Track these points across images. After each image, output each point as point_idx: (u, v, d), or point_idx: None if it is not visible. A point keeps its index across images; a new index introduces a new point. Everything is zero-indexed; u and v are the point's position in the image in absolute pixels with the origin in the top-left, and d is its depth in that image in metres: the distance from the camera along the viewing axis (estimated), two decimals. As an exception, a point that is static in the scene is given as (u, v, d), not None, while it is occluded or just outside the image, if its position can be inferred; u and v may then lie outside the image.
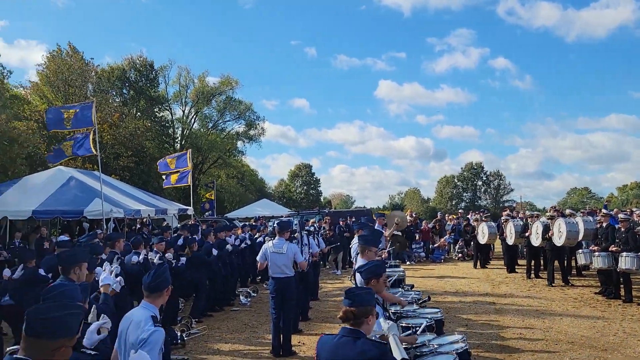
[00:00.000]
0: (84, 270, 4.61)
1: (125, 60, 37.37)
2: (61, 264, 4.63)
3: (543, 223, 13.12)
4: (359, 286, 3.41)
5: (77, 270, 4.56)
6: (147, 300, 3.71)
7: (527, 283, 13.34)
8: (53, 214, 14.25)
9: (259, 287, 13.42)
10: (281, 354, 7.68)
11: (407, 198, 74.94)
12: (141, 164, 29.28)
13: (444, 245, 19.23)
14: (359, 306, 3.29)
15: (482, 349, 7.64)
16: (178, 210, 19.67)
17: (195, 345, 8.37)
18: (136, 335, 3.46)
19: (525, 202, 62.52)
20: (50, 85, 28.41)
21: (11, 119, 18.87)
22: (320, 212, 22.76)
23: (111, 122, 27.25)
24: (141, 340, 3.41)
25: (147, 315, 3.58)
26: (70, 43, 29.63)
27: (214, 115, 41.61)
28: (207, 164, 40.29)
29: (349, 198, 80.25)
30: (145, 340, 3.40)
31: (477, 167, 68.69)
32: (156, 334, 3.44)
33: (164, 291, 3.76)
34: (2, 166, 17.34)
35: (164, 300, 3.84)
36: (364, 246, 6.00)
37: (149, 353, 3.36)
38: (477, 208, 49.08)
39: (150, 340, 3.40)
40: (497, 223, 16.83)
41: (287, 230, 8.09)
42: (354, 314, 3.29)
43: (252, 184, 52.42)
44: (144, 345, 3.39)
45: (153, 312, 3.63)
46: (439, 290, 12.65)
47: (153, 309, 3.67)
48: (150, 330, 3.44)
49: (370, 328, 3.33)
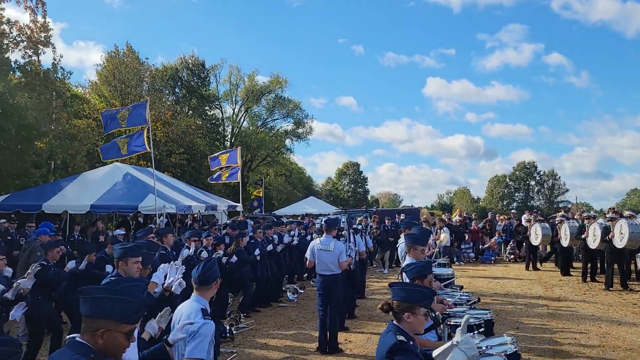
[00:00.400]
0: (130, 265, 4.74)
1: (178, 60, 38.38)
2: (114, 258, 4.83)
3: (601, 225, 12.60)
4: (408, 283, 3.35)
5: (123, 265, 4.72)
6: (197, 293, 3.76)
7: (583, 286, 12.87)
8: (109, 208, 14.78)
9: (306, 283, 13.51)
10: (327, 351, 7.71)
11: (456, 197, 73.58)
12: (192, 161, 29.96)
13: (494, 246, 18.78)
14: (397, 300, 3.27)
15: (534, 353, 7.42)
16: (227, 206, 20.00)
17: (244, 339, 8.51)
18: (187, 327, 3.52)
19: (581, 203, 60.19)
20: (108, 85, 29.48)
21: (72, 117, 19.70)
22: (367, 210, 22.66)
23: (164, 120, 28.04)
24: (191, 333, 3.47)
25: (198, 307, 3.63)
26: (128, 43, 30.64)
27: (263, 114, 42.11)
28: (255, 162, 40.82)
29: (396, 197, 79.58)
30: (195, 332, 3.46)
31: (530, 166, 66.62)
32: (206, 326, 3.49)
33: (212, 284, 3.79)
34: (63, 162, 18.13)
35: (213, 293, 3.88)
36: (411, 245, 5.95)
37: (198, 345, 3.43)
38: (529, 208, 47.63)
39: (200, 333, 3.46)
40: (550, 224, 16.31)
41: (335, 228, 8.10)
42: (390, 306, 3.30)
43: (300, 181, 52.74)
44: (194, 337, 3.45)
45: (203, 305, 3.68)
46: (489, 291, 12.37)
47: (203, 301, 3.71)
48: (201, 322, 3.49)
49: (411, 326, 3.25)
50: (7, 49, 16.23)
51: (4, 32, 16.20)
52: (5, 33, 16.20)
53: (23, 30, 16.81)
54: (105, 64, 29.76)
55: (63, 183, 15.63)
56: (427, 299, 3.34)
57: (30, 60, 17.02)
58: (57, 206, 14.06)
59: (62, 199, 14.34)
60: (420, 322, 3.29)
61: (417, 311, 3.24)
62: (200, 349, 3.44)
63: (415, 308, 3.24)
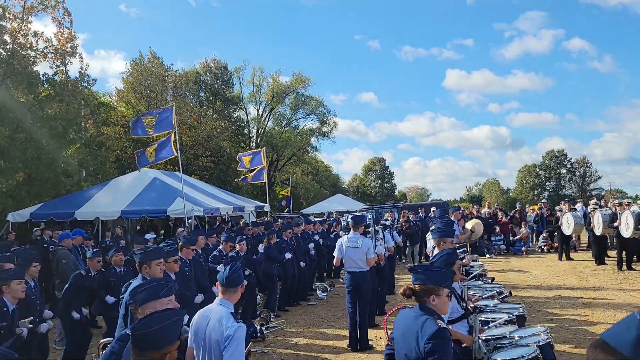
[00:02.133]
0: (154, 268, 4.82)
1: (200, 64, 38.83)
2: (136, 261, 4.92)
3: (634, 212, 12.25)
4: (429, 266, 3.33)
5: (147, 269, 4.80)
6: (223, 296, 3.76)
7: (619, 276, 12.55)
8: (140, 213, 15.07)
9: (335, 281, 13.51)
10: (358, 348, 7.70)
11: (485, 189, 72.62)
12: (219, 164, 30.28)
13: (525, 237, 18.46)
14: (421, 283, 3.26)
15: (570, 344, 7.27)
16: (255, 207, 20.16)
17: (274, 339, 8.56)
18: (219, 332, 3.52)
19: (615, 189, 58.69)
20: (134, 91, 30.01)
21: (100, 124, 20.10)
22: (395, 205, 22.52)
23: (189, 124, 28.39)
24: (227, 337, 3.47)
25: (227, 312, 3.64)
26: (151, 49, 31.16)
27: (287, 113, 42.28)
28: (282, 162, 41.02)
29: (424, 191, 78.99)
30: (231, 336, 3.47)
31: (560, 154, 65.22)
32: (240, 329, 3.52)
33: (238, 287, 3.79)
34: (93, 169, 18.53)
35: (238, 297, 3.88)
36: (439, 239, 5.94)
37: (236, 349, 3.44)
38: (561, 197, 46.70)
39: (237, 337, 3.47)
40: (582, 212, 15.95)
41: (361, 225, 8.08)
42: (413, 291, 3.28)
43: (327, 179, 52.80)
44: (231, 341, 3.45)
45: (231, 309, 3.69)
46: (521, 283, 12.18)
47: (230, 305, 3.72)
48: (235, 326, 3.50)
49: (436, 308, 3.23)
50: (35, 61, 16.65)
51: (32, 45, 16.62)
52: (32, 46, 16.62)
53: (50, 42, 17.22)
54: (130, 71, 30.30)
55: (94, 190, 16.00)
56: (448, 278, 3.34)
57: (58, 71, 17.42)
58: (89, 213, 14.39)
59: (93, 205, 14.67)
60: (444, 302, 3.27)
61: (440, 292, 3.24)
62: (238, 353, 3.46)
63: (439, 290, 3.24)
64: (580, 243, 18.03)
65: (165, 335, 2.42)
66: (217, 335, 3.51)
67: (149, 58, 31.06)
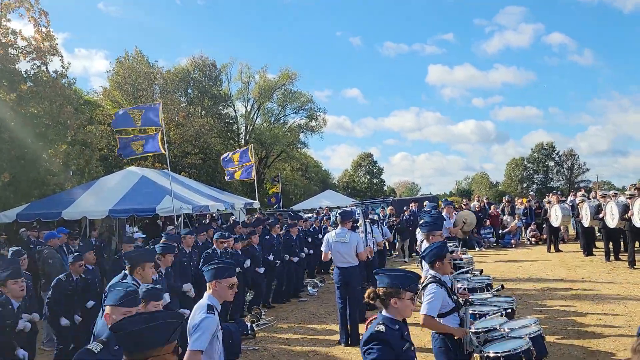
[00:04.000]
0: (147, 270, 4.77)
1: (189, 61, 38.55)
2: (128, 264, 4.85)
3: (619, 203, 12.34)
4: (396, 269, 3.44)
5: (140, 271, 4.75)
6: (208, 291, 3.87)
7: (607, 266, 12.66)
8: (128, 212, 14.91)
9: (326, 277, 13.50)
10: (349, 343, 7.69)
11: (474, 183, 72.93)
12: (208, 161, 30.13)
13: (514, 229, 18.57)
14: (383, 287, 3.32)
15: (559, 335, 7.32)
16: (245, 204, 20.05)
17: (265, 336, 8.53)
18: (192, 320, 3.67)
19: (602, 181, 59.23)
20: (120, 89, 29.74)
21: (85, 123, 19.88)
22: (384, 200, 22.56)
23: (177, 122, 28.21)
24: (193, 326, 3.60)
25: (205, 303, 3.75)
26: (137, 47, 30.90)
27: (276, 109, 42.12)
28: (271, 158, 40.89)
29: (414, 185, 79.17)
30: (196, 325, 3.59)
31: (548, 147, 65.68)
32: (207, 320, 3.60)
33: (213, 281, 3.83)
34: (78, 168, 18.32)
35: (226, 295, 3.88)
36: (428, 232, 5.95)
37: (199, 337, 3.54)
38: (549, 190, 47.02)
39: (201, 326, 3.58)
40: (571, 204, 16.06)
41: (349, 220, 8.06)
42: (376, 294, 3.34)
43: (316, 175, 52.74)
44: (195, 329, 3.57)
45: (211, 302, 3.77)
46: (511, 276, 12.23)
47: (212, 299, 3.80)
48: (202, 316, 3.62)
49: (398, 312, 3.28)
50: (16, 59, 16.41)
51: (12, 43, 16.38)
52: (12, 44, 16.38)
53: (29, 41, 16.99)
54: (115, 69, 30.02)
55: (81, 189, 15.79)
56: (411, 282, 3.35)
57: (39, 70, 17.20)
58: (76, 212, 14.21)
59: (80, 205, 14.49)
60: (407, 306, 3.30)
61: (403, 296, 3.27)
62: (201, 341, 3.55)
63: (400, 293, 3.27)
64: (568, 235, 18.18)
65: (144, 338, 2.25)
66: (190, 323, 3.66)
67: (133, 56, 30.79)
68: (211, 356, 3.70)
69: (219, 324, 3.76)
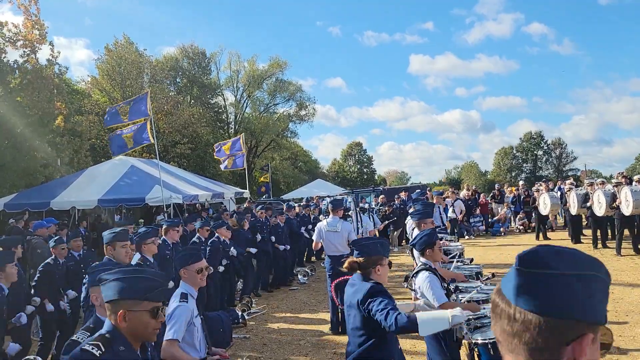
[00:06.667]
0: (118, 250, 4.79)
1: (178, 49, 38.22)
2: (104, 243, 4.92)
3: (606, 192, 12.47)
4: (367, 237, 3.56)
5: (111, 250, 4.80)
6: (182, 279, 3.85)
7: (594, 254, 12.65)
8: (117, 202, 14.83)
9: (317, 265, 13.53)
10: (340, 332, 7.72)
11: (464, 172, 73.28)
12: (197, 150, 29.99)
13: (503, 217, 18.72)
14: (365, 255, 3.42)
15: (547, 322, 7.39)
16: (234, 193, 20.02)
17: (256, 324, 8.55)
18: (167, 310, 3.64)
19: (590, 170, 59.71)
20: (109, 78, 29.44)
21: (73, 113, 19.70)
22: (374, 189, 22.62)
23: (166, 111, 28.01)
24: (167, 315, 3.58)
25: (179, 292, 3.76)
26: (125, 35, 30.51)
27: (265, 98, 41.95)
28: (261, 147, 40.78)
29: (404, 175, 79.35)
30: (170, 314, 3.59)
31: (537, 136, 66.06)
32: (179, 309, 3.60)
33: (180, 270, 3.81)
34: (68, 158, 18.18)
35: (197, 281, 3.82)
36: (420, 220, 5.98)
37: (172, 327, 3.54)
38: (538, 179, 47.39)
39: (174, 315, 3.58)
40: (559, 192, 16.21)
41: (340, 209, 8.06)
42: (358, 263, 3.45)
43: (305, 164, 52.69)
44: (169, 319, 3.57)
45: (185, 290, 3.76)
46: (500, 263, 12.32)
47: (187, 287, 3.79)
48: (175, 305, 3.63)
49: (381, 278, 3.44)
50: (3, 49, 16.18)
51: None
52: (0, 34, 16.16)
53: (18, 29, 16.73)
54: (104, 58, 29.71)
55: (70, 179, 15.68)
56: (387, 248, 3.63)
57: (28, 59, 16.97)
58: (65, 202, 14.12)
59: (69, 195, 14.40)
60: (386, 271, 3.52)
61: (384, 262, 3.47)
62: (174, 330, 3.54)
63: (382, 259, 3.45)
64: (557, 223, 18.35)
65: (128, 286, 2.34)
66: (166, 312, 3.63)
67: (123, 44, 30.46)
68: (192, 343, 3.69)
69: (194, 310, 3.73)
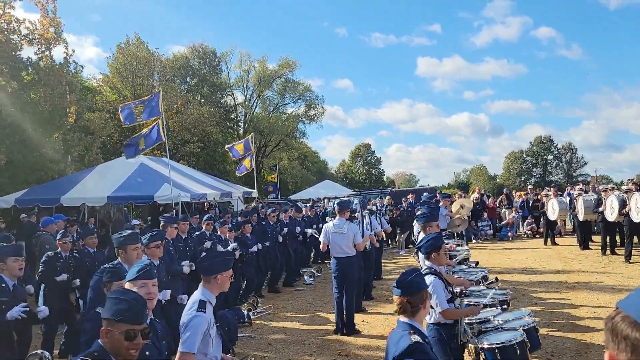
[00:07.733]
0: (130, 252, 4.84)
1: (189, 48, 38.37)
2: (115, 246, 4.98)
3: (618, 197, 12.40)
4: (408, 271, 3.33)
5: (123, 253, 4.87)
6: (202, 284, 3.73)
7: (603, 260, 12.73)
8: (126, 199, 14.93)
9: (323, 266, 13.56)
10: (345, 333, 7.75)
11: (472, 175, 72.95)
12: (206, 149, 30.08)
13: (511, 222, 18.65)
14: (412, 295, 3.20)
15: (553, 327, 7.38)
16: (243, 193, 20.08)
17: (261, 324, 8.58)
18: (184, 317, 3.58)
19: (601, 175, 59.24)
20: (120, 76, 29.63)
21: (85, 110, 19.85)
22: (382, 191, 22.60)
23: (176, 110, 28.14)
24: (182, 324, 3.52)
25: (197, 299, 3.63)
26: (136, 34, 30.72)
27: (275, 98, 41.99)
28: (269, 147, 40.84)
29: (412, 177, 79.13)
30: (185, 324, 3.50)
31: (547, 140, 65.60)
32: (195, 319, 3.49)
33: (210, 277, 3.69)
34: (78, 155, 18.32)
35: (221, 288, 3.76)
36: (425, 223, 5.98)
37: (188, 339, 3.44)
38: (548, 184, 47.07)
39: (190, 325, 3.48)
40: (569, 198, 16.13)
41: (347, 210, 8.08)
42: (410, 304, 3.20)
43: (314, 165, 52.69)
44: (184, 329, 3.49)
45: (205, 297, 3.64)
46: (507, 268, 12.31)
47: (207, 294, 3.68)
48: (191, 315, 3.52)
49: (426, 311, 3.32)
50: (18, 47, 16.34)
51: (15, 30, 16.30)
52: (15, 31, 16.30)
53: (35, 26, 16.88)
54: (115, 56, 29.91)
55: (80, 176, 15.80)
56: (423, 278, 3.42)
57: (43, 56, 17.12)
58: (75, 199, 14.23)
59: (79, 191, 14.51)
60: (429, 304, 3.37)
61: (428, 295, 3.32)
62: (190, 343, 3.44)
63: (426, 294, 3.29)
64: (565, 228, 18.26)
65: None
66: (181, 321, 3.58)
67: (134, 42, 30.66)
68: (206, 351, 3.59)
69: (211, 321, 3.63)
